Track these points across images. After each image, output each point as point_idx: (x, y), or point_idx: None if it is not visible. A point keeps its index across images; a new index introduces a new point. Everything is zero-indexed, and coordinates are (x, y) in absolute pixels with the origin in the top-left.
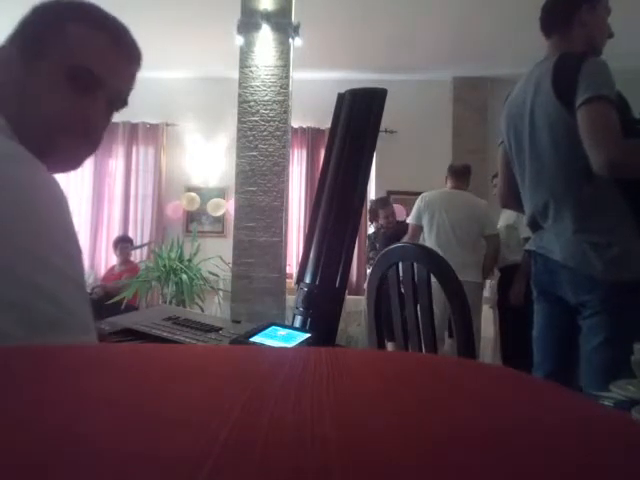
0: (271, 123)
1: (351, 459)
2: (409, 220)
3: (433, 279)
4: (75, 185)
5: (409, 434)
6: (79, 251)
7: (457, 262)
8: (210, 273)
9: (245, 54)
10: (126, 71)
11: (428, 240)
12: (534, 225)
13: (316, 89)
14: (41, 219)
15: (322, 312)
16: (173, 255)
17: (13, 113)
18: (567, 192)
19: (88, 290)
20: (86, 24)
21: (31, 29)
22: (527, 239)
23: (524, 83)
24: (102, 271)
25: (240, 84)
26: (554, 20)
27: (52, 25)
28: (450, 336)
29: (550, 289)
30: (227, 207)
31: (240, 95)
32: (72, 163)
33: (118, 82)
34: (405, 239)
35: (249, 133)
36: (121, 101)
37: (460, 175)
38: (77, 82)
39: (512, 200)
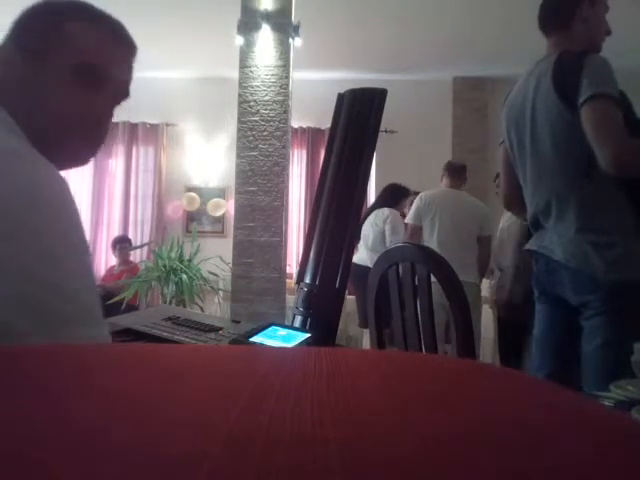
0: (271, 123)
1: (351, 459)
2: (407, 220)
3: (433, 279)
4: (75, 185)
5: (409, 434)
6: (85, 243)
7: (457, 263)
8: (210, 273)
9: (245, 54)
10: (127, 62)
11: (429, 240)
12: (536, 225)
13: (316, 89)
14: (46, 213)
15: (322, 312)
16: (173, 255)
17: (19, 111)
18: (569, 191)
19: None
20: (83, 21)
21: (30, 29)
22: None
23: (524, 81)
24: (102, 271)
25: (240, 84)
26: (554, 18)
27: (50, 25)
28: (447, 342)
29: (551, 289)
30: (227, 207)
31: (240, 95)
32: (79, 160)
33: (121, 73)
34: (404, 239)
35: (249, 133)
36: (124, 93)
37: (457, 173)
38: (85, 79)
39: (516, 201)
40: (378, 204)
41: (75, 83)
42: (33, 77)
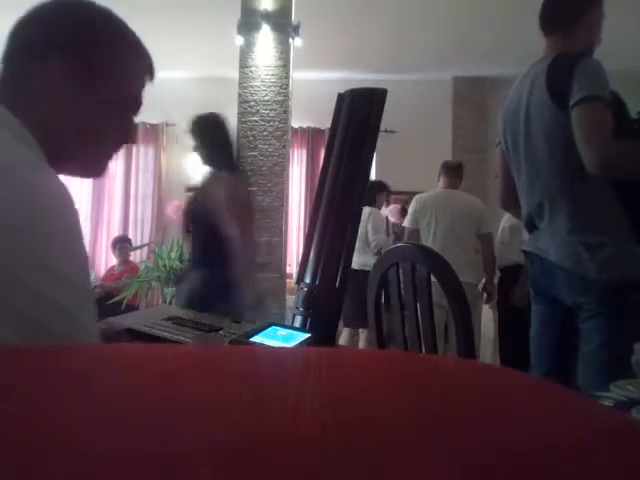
0: (271, 123)
1: (351, 459)
2: (405, 224)
3: (433, 279)
4: (75, 185)
5: (409, 434)
6: (85, 258)
7: (455, 263)
8: None
9: (245, 54)
10: (141, 78)
11: (426, 242)
12: (531, 225)
13: (316, 89)
14: (47, 225)
15: (322, 312)
16: (173, 255)
17: (43, 120)
18: (562, 192)
19: None
20: (133, 51)
21: (85, 48)
22: None
23: (520, 83)
24: (102, 271)
25: (240, 84)
26: (559, 20)
27: (105, 50)
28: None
29: (546, 290)
30: None
31: (240, 95)
32: (91, 165)
33: (136, 89)
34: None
35: (249, 133)
36: (136, 107)
37: (454, 172)
38: (127, 108)
39: (512, 202)
40: None
41: (117, 109)
42: (79, 95)
